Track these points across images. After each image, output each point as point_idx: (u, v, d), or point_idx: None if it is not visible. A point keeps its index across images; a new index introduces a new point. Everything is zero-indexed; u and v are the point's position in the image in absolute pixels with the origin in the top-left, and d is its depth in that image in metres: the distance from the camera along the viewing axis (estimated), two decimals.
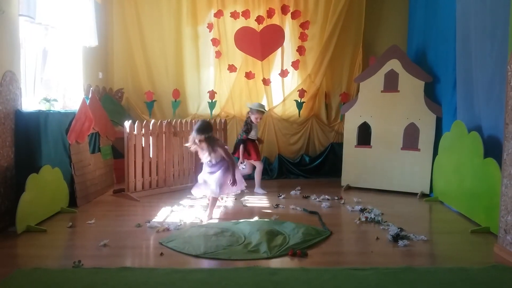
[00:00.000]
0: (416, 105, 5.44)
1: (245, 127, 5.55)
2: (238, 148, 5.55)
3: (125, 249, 3.49)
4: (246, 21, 6.59)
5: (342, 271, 3.00)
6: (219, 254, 3.33)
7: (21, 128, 4.12)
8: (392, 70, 5.60)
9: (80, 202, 4.77)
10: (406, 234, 3.79)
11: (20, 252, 3.45)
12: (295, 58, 6.68)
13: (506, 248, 3.34)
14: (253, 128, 5.55)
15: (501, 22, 3.84)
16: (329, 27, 6.48)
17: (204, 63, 6.74)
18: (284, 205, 4.88)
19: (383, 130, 5.65)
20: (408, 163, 5.50)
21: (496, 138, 3.97)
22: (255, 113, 5.51)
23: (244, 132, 5.52)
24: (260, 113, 5.55)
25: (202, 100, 6.75)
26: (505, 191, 3.37)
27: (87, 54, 5.74)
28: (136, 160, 5.23)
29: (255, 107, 5.53)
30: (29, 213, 3.87)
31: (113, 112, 6.15)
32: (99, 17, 6.06)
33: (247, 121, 5.58)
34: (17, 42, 4.20)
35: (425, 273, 2.99)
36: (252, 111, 5.53)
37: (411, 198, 5.32)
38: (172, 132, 5.58)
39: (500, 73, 3.84)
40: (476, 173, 4.19)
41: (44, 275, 2.90)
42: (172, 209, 4.65)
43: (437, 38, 5.47)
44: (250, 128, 5.54)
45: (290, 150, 6.75)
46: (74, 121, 4.72)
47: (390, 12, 6.68)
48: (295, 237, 3.66)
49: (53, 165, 4.34)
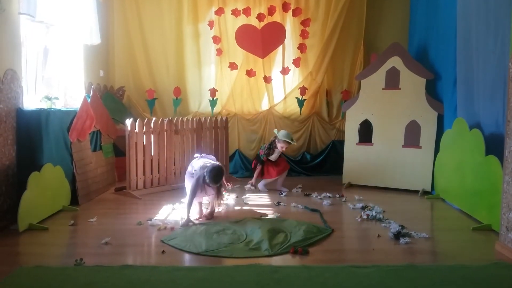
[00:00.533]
0: (418, 103, 5.43)
1: (267, 150, 5.45)
2: (256, 166, 5.53)
3: (127, 247, 3.50)
4: (247, 18, 6.57)
5: (344, 269, 3.00)
6: (220, 252, 3.34)
7: (22, 127, 4.13)
8: (393, 68, 5.59)
9: (82, 200, 4.77)
10: (408, 231, 3.79)
11: (22, 250, 3.46)
12: (296, 56, 6.67)
13: (507, 245, 3.34)
14: (275, 152, 5.46)
15: (503, 18, 3.83)
16: (330, 25, 6.47)
17: (205, 61, 6.73)
18: (286, 203, 4.88)
19: (384, 128, 5.64)
20: (410, 161, 5.49)
21: (497, 136, 3.96)
22: (281, 142, 5.37)
23: (265, 154, 5.44)
24: (287, 143, 5.39)
25: (203, 98, 6.75)
26: (506, 188, 3.36)
27: (88, 52, 5.74)
28: (138, 158, 5.23)
29: (283, 137, 5.34)
30: (31, 211, 3.88)
31: (115, 110, 6.15)
32: (101, 15, 6.05)
33: (271, 146, 5.46)
34: (18, 40, 4.20)
35: (427, 270, 2.99)
36: (279, 140, 5.38)
37: (412, 196, 5.32)
38: (174, 130, 5.58)
39: (502, 70, 3.84)
40: (478, 171, 4.18)
41: (46, 273, 2.91)
42: (173, 207, 4.66)
43: (438, 35, 5.45)
44: (273, 152, 5.45)
45: (291, 148, 6.75)
46: (75, 119, 4.73)
47: (391, 9, 6.66)
48: (297, 235, 3.66)
49: (54, 163, 4.34)
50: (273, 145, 5.46)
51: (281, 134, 5.40)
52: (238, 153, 6.71)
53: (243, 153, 6.74)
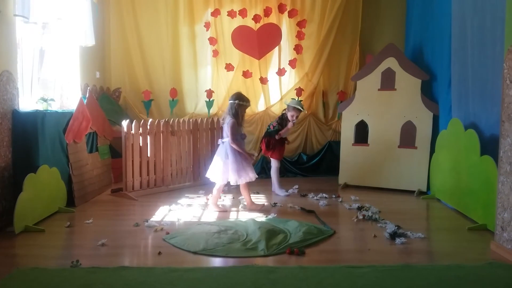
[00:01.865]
0: (413, 103, 5.45)
1: (279, 120, 5.36)
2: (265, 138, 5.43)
3: (123, 248, 3.50)
4: (243, 20, 6.59)
5: (340, 269, 3.01)
6: (217, 251, 3.35)
7: (18, 128, 4.12)
8: (389, 69, 5.61)
9: (78, 202, 4.76)
10: (403, 231, 3.80)
11: (18, 252, 3.45)
12: (292, 57, 6.69)
13: (502, 245, 3.36)
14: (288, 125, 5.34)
15: (498, 19, 3.85)
16: (326, 26, 6.49)
17: (202, 62, 6.74)
18: (282, 204, 4.89)
19: (380, 128, 5.66)
20: (405, 161, 5.51)
21: (492, 136, 3.98)
22: (291, 110, 5.28)
23: (278, 124, 5.33)
24: (298, 111, 5.30)
25: (200, 99, 6.75)
26: (501, 188, 3.38)
27: (84, 53, 5.73)
28: (134, 160, 5.23)
29: (294, 104, 5.29)
30: (27, 213, 3.87)
31: (111, 111, 6.15)
32: (96, 16, 6.05)
33: (283, 116, 5.38)
34: (13, 41, 4.19)
35: (422, 270, 3.01)
36: (289, 108, 5.30)
37: (408, 196, 5.33)
38: (170, 131, 5.58)
39: (497, 70, 3.86)
40: (473, 171, 4.20)
41: (43, 275, 2.91)
42: (170, 208, 4.65)
43: (434, 36, 5.48)
44: (285, 124, 5.35)
45: (288, 149, 6.73)
46: (71, 121, 4.72)
47: (387, 10, 6.69)
48: (296, 236, 3.66)
49: (50, 165, 4.33)
50: (285, 116, 5.38)
51: (291, 101, 5.33)
52: None
53: None
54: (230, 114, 4.47)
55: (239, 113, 4.47)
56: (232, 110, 4.47)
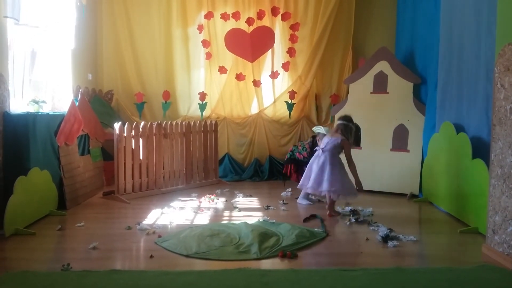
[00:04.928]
0: (405, 107, 5.49)
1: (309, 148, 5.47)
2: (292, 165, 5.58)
3: (115, 251, 3.47)
4: (237, 22, 6.59)
5: (332, 272, 3.01)
6: (209, 255, 3.34)
7: (9, 130, 4.08)
8: (381, 72, 5.64)
9: (69, 205, 4.73)
10: (396, 234, 3.81)
11: (9, 255, 3.41)
12: (285, 60, 6.70)
13: (494, 248, 3.37)
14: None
15: (488, 23, 3.88)
16: (319, 29, 6.51)
17: (195, 65, 6.74)
18: (275, 207, 4.88)
19: (372, 131, 5.69)
20: (398, 164, 5.53)
21: (484, 140, 4.01)
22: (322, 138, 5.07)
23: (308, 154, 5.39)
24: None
25: (193, 102, 6.74)
26: (492, 191, 3.40)
27: (76, 55, 5.70)
28: (126, 162, 5.21)
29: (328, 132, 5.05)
30: (18, 216, 3.84)
31: (103, 113, 6.11)
32: (85, 18, 6.02)
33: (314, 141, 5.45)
34: (5, 43, 4.16)
35: (414, 273, 3.02)
36: (320, 136, 5.15)
37: (400, 199, 5.35)
38: (162, 133, 5.56)
39: (487, 74, 3.89)
40: (465, 174, 4.23)
41: (33, 278, 2.88)
42: (162, 211, 4.63)
43: (424, 40, 5.53)
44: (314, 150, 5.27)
45: (281, 152, 6.74)
46: (63, 123, 4.69)
47: (379, 14, 6.72)
48: (288, 239, 3.66)
49: (41, 168, 4.30)
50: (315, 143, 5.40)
51: (325, 129, 5.21)
52: (227, 157, 6.71)
53: (232, 157, 6.73)
54: (345, 134, 4.61)
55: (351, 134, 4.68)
56: (348, 131, 4.62)
